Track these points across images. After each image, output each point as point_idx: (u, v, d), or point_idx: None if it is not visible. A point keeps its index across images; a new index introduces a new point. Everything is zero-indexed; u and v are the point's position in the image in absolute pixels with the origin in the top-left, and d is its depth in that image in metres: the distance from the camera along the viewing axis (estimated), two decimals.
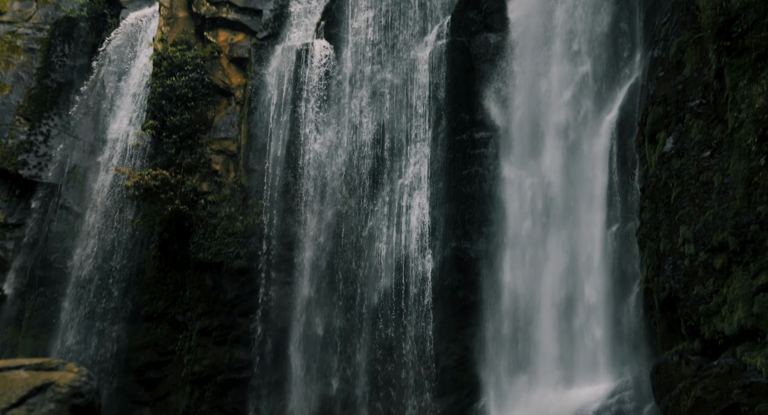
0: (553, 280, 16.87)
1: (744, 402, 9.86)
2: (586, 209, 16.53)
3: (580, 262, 16.42)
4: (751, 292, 10.11)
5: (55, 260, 21.67)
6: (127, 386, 20.41)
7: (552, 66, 18.35)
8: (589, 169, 16.68)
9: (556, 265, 16.90)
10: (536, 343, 16.97)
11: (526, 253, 17.77)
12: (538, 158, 18.31)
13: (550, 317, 16.76)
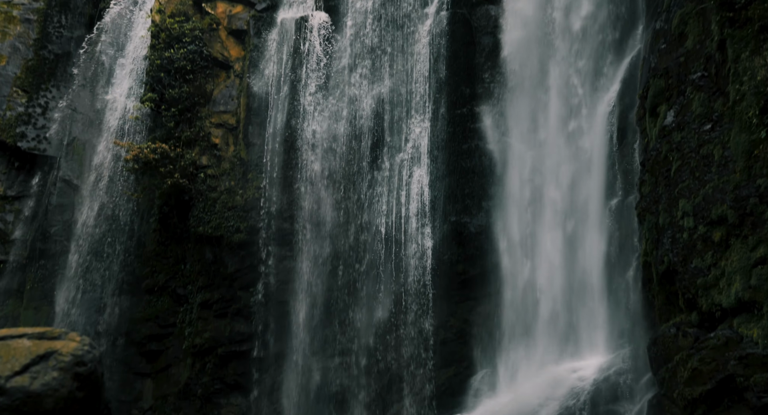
0: (551, 254, 16.94)
1: (740, 373, 9.96)
2: (585, 183, 16.54)
3: (579, 236, 16.48)
4: (749, 265, 10.16)
5: (55, 233, 21.70)
6: (128, 358, 20.59)
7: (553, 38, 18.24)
8: (589, 142, 16.65)
9: (554, 239, 16.96)
10: (535, 316, 17.10)
11: (525, 227, 17.82)
12: (537, 131, 18.27)
13: (549, 290, 16.87)
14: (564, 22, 18.11)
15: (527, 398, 15.28)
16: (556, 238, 17.04)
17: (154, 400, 20.43)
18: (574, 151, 17.15)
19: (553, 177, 17.56)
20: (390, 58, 21.13)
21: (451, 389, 18.16)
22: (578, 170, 16.93)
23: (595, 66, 17.31)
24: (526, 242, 17.73)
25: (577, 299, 16.22)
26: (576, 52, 17.70)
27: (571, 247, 16.58)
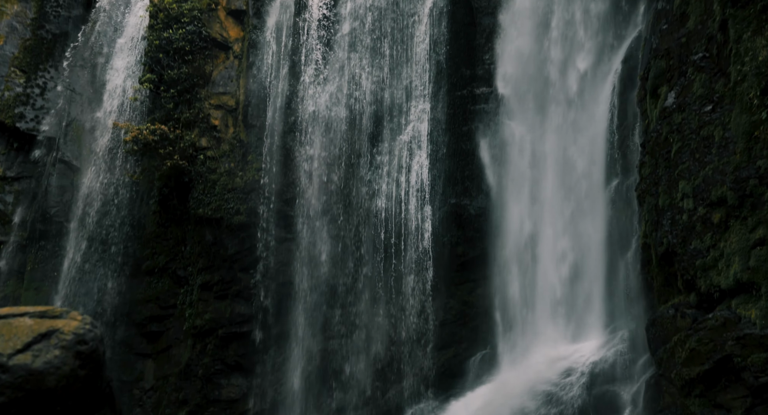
0: (551, 236, 16.96)
1: (737, 353, 10.02)
2: (586, 164, 16.52)
3: (578, 218, 16.49)
4: (748, 246, 10.18)
5: (55, 214, 21.69)
6: (129, 339, 20.69)
7: (554, 16, 18.11)
8: (590, 124, 16.61)
9: (554, 221, 16.97)
10: (534, 298, 17.16)
11: (525, 208, 17.83)
12: (538, 113, 18.21)
13: (548, 273, 16.91)
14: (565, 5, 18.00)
15: (525, 379, 15.38)
16: (555, 220, 17.06)
17: (155, 380, 20.56)
18: (575, 133, 17.11)
19: (553, 159, 17.53)
20: (390, 40, 21.00)
21: (450, 370, 18.28)
22: (578, 152, 16.91)
23: (596, 48, 17.22)
24: (525, 225, 17.75)
25: (577, 281, 16.27)
26: (577, 34, 17.60)
27: (571, 229, 16.60)
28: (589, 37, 17.37)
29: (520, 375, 15.69)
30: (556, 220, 17.00)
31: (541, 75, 18.27)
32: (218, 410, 19.82)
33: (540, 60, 18.34)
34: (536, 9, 18.64)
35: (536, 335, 16.78)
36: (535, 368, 15.57)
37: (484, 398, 15.68)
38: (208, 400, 19.88)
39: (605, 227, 15.72)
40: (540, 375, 15.13)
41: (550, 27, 18.16)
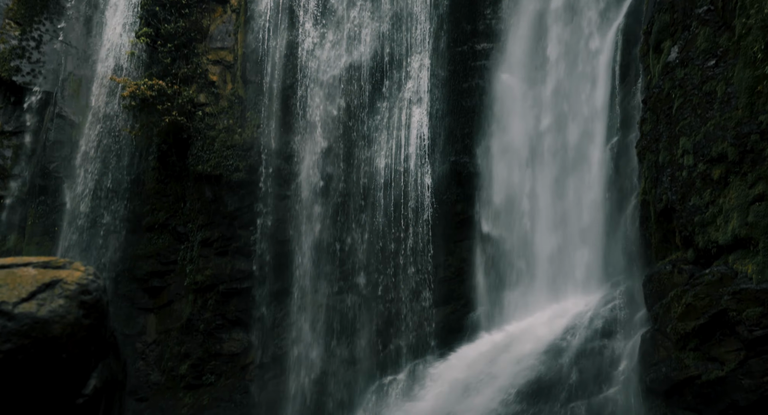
0: (550, 192, 16.98)
1: (733, 308, 10.14)
2: (586, 121, 16.44)
3: (578, 175, 16.48)
4: (747, 202, 10.20)
5: (54, 170, 21.62)
6: (131, 294, 20.87)
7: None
8: (591, 80, 16.46)
9: (553, 177, 16.96)
10: (532, 254, 17.27)
11: (524, 166, 17.80)
12: (538, 70, 18.03)
13: (547, 229, 16.98)
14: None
15: (523, 334, 15.58)
16: (554, 177, 17.06)
17: (157, 334, 20.81)
18: (575, 90, 16.98)
19: (553, 116, 17.44)
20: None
21: (449, 326, 18.50)
22: (579, 109, 16.80)
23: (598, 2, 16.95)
24: (525, 181, 17.75)
25: (575, 238, 16.35)
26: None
27: (570, 186, 16.61)
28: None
29: (518, 332, 15.89)
30: (555, 177, 16.99)
31: (542, 29, 18.04)
32: (220, 363, 20.12)
33: (541, 13, 18.09)
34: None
35: (535, 291, 16.95)
36: (532, 325, 15.77)
37: (482, 352, 15.92)
38: (210, 354, 20.17)
39: (604, 183, 15.73)
40: (537, 331, 15.33)
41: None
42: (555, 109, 17.40)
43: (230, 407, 19.41)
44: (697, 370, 10.91)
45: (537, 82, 17.98)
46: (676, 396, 11.44)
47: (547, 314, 15.93)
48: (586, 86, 16.62)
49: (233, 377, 19.98)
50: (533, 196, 17.50)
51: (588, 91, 16.56)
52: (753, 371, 9.86)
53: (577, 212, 16.34)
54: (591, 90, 16.47)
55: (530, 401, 13.73)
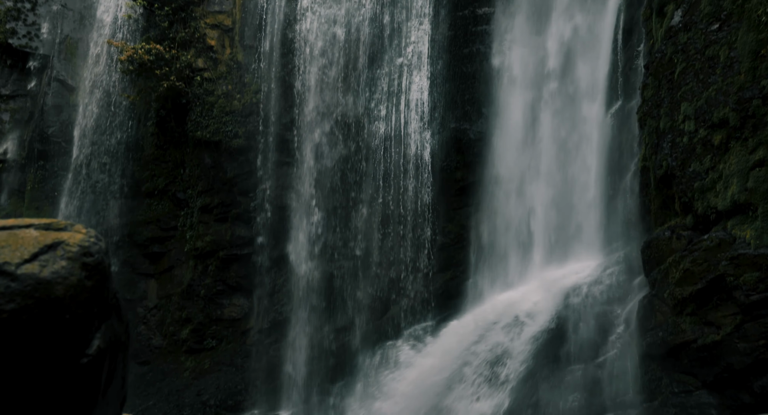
0: (550, 158, 16.94)
1: (730, 273, 10.20)
2: (587, 86, 16.33)
3: (578, 141, 16.43)
4: (747, 167, 10.19)
5: (53, 134, 21.54)
6: (132, 259, 20.97)
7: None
8: (594, 45, 16.30)
9: (554, 143, 16.91)
10: (532, 221, 17.30)
11: (525, 131, 17.72)
12: (540, 35, 17.84)
13: (546, 195, 16.98)
14: None
15: (521, 300, 15.69)
16: (555, 143, 17.00)
17: (158, 299, 20.98)
18: (577, 56, 16.82)
19: (555, 81, 17.31)
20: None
21: (447, 292, 18.62)
22: (580, 74, 16.68)
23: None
24: (525, 148, 17.69)
25: (575, 204, 16.37)
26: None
27: (570, 152, 16.57)
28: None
29: (516, 297, 16.00)
30: (555, 142, 16.94)
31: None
32: (221, 328, 20.32)
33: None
34: None
35: (534, 258, 17.02)
36: (531, 291, 15.87)
37: (481, 318, 16.05)
38: (211, 319, 20.36)
39: (605, 150, 15.69)
40: (536, 297, 15.44)
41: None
42: (557, 75, 17.26)
43: (231, 371, 19.65)
44: (694, 334, 11.03)
45: (539, 47, 17.81)
46: (672, 360, 11.58)
47: (546, 279, 16.03)
48: (589, 51, 16.47)
49: (234, 341, 20.19)
50: (534, 163, 17.47)
51: (590, 56, 16.42)
52: (749, 335, 9.97)
53: (577, 178, 16.33)
54: (593, 55, 16.33)
55: (529, 364, 13.90)
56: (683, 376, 11.41)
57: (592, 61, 16.39)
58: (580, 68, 16.72)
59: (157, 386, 19.60)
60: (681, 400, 11.33)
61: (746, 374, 10.10)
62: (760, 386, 9.87)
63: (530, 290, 15.94)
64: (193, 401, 18.99)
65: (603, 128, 15.74)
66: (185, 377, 19.74)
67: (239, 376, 19.47)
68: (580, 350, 13.81)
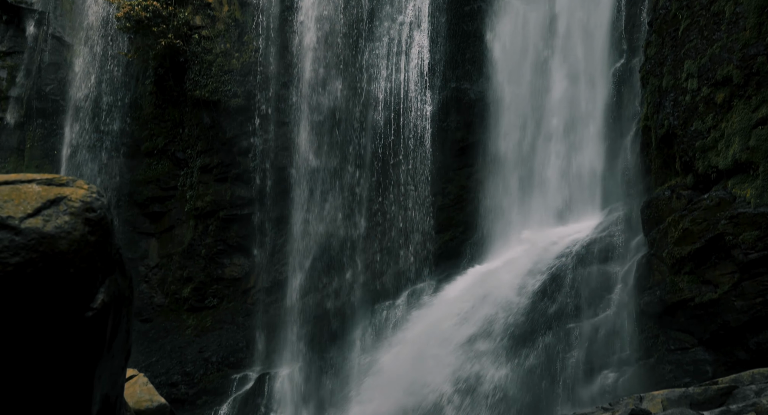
0: (551, 116, 16.85)
1: (729, 232, 10.25)
2: (590, 44, 16.15)
3: (579, 99, 16.32)
4: (749, 125, 10.15)
5: (51, 92, 21.35)
6: (132, 218, 21.01)
7: None
8: (597, 2, 16.06)
9: (555, 100, 16.80)
10: (531, 180, 17.29)
11: (526, 89, 17.59)
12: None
13: (546, 154, 16.94)
14: None
15: (520, 259, 15.79)
16: (556, 102, 16.89)
17: (159, 258, 21.08)
18: (580, 13, 16.59)
19: (557, 39, 17.11)
20: None
21: (447, 252, 18.72)
22: (583, 32, 16.47)
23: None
24: (526, 106, 17.58)
25: (575, 164, 16.35)
26: None
27: (571, 110, 16.48)
28: None
29: (516, 257, 16.10)
30: (556, 101, 16.83)
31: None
32: (222, 287, 20.48)
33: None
34: None
35: (533, 217, 17.06)
36: (530, 250, 15.95)
37: (481, 276, 16.18)
38: (212, 278, 20.50)
39: (606, 109, 15.60)
40: (535, 257, 15.53)
41: None
42: (559, 32, 17.06)
43: (232, 329, 19.88)
44: (691, 293, 11.14)
45: (541, 3, 17.55)
46: (669, 318, 11.72)
47: (545, 238, 16.09)
48: (593, 8, 16.23)
49: (235, 300, 20.38)
50: (534, 120, 17.37)
51: (594, 13, 16.19)
52: (746, 293, 10.07)
53: (578, 137, 16.27)
54: (597, 12, 16.10)
55: (528, 321, 14.06)
56: (680, 334, 11.55)
57: (596, 18, 16.18)
58: (584, 25, 16.50)
59: (159, 343, 19.85)
60: (677, 357, 11.50)
61: (742, 331, 10.23)
62: (756, 342, 10.01)
63: (530, 248, 16.02)
64: (196, 357, 19.25)
65: (605, 86, 15.63)
66: (187, 335, 19.98)
67: (240, 334, 19.70)
68: (577, 308, 13.95)
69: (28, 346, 4.23)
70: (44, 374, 4.28)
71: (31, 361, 4.24)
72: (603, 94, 15.65)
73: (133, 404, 7.37)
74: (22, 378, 4.21)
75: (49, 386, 4.31)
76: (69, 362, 4.43)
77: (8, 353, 4.14)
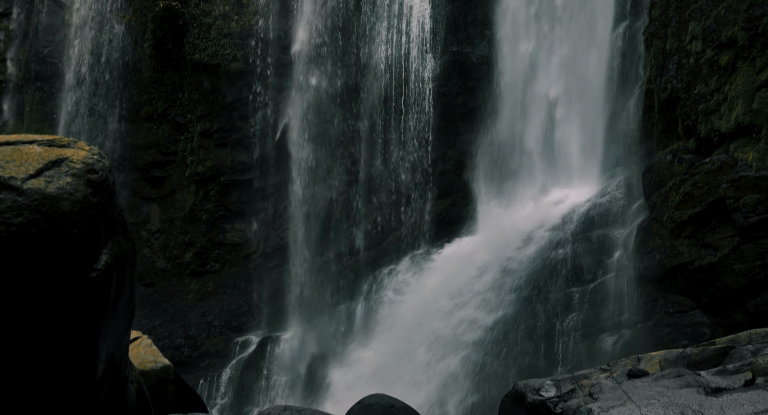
0: (554, 79, 16.72)
1: (730, 195, 10.27)
2: (593, 7, 15.93)
3: (582, 63, 16.18)
4: (753, 88, 10.09)
5: (49, 54, 21.15)
6: (133, 183, 21.00)
7: None
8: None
9: (557, 63, 16.65)
10: (533, 147, 17.24)
11: (528, 52, 17.41)
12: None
13: (548, 118, 16.86)
14: None
15: (521, 224, 15.83)
16: (559, 66, 16.74)
17: (161, 223, 21.14)
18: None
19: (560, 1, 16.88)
20: None
21: (447, 218, 18.76)
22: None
23: None
24: (528, 69, 17.43)
25: (576, 128, 16.28)
26: None
27: (574, 74, 16.34)
28: None
29: (516, 222, 16.14)
30: (559, 64, 16.67)
31: None
32: (223, 252, 20.58)
33: None
34: None
35: (535, 183, 17.05)
36: (531, 215, 15.99)
37: (482, 241, 16.25)
38: (214, 243, 20.58)
39: (609, 73, 15.47)
40: (535, 222, 15.57)
41: None
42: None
43: (235, 293, 20.03)
44: (691, 256, 11.20)
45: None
46: (668, 282, 11.80)
47: (546, 203, 16.12)
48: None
49: (237, 265, 20.49)
50: (535, 84, 17.25)
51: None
52: (745, 256, 10.13)
53: (580, 101, 16.18)
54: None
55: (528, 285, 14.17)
56: (678, 297, 11.65)
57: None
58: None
59: (162, 307, 20.03)
60: (675, 320, 11.61)
61: (741, 293, 10.31)
62: (754, 305, 10.10)
63: (530, 213, 16.06)
64: (198, 321, 19.45)
65: (608, 49, 15.48)
66: (190, 299, 20.15)
67: (242, 298, 19.86)
68: (577, 272, 14.04)
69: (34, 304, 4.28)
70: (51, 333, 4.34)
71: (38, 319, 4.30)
72: (606, 57, 15.50)
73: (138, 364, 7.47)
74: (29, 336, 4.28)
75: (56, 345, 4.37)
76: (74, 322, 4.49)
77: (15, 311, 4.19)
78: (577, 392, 5.69)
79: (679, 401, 4.88)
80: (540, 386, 6.00)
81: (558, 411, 5.36)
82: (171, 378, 7.69)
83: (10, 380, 4.07)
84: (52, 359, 4.32)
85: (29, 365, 4.23)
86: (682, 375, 5.38)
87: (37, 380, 4.22)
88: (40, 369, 4.26)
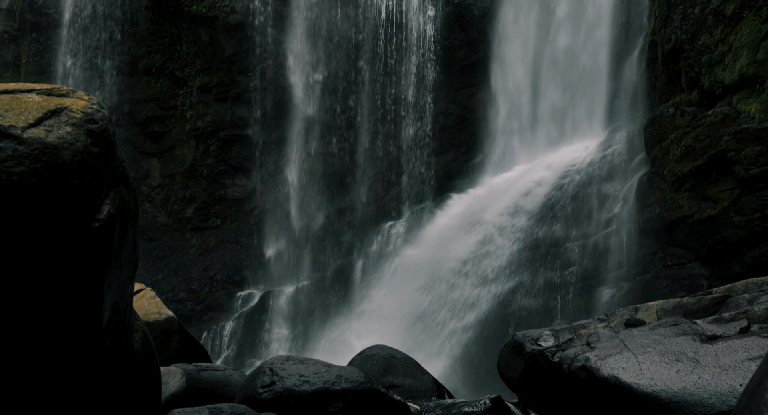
0: (556, 32, 16.52)
1: (732, 148, 10.25)
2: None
3: (585, 17, 15.95)
4: (758, 38, 9.97)
5: (44, 5, 20.80)
6: (133, 138, 20.89)
7: None
8: None
9: (561, 17, 16.42)
10: (535, 100, 17.14)
11: (532, 4, 17.16)
12: None
13: (551, 71, 16.72)
14: None
15: (522, 178, 15.86)
16: (562, 19, 16.51)
17: (161, 178, 21.12)
18: None
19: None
20: None
21: (449, 172, 18.77)
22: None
23: None
24: (530, 23, 17.19)
25: (578, 82, 16.15)
26: None
27: (577, 28, 16.13)
28: None
29: (518, 175, 16.16)
30: (562, 18, 16.44)
31: None
32: (224, 207, 20.63)
33: None
34: None
35: (536, 137, 17.01)
36: (533, 170, 15.99)
37: (483, 195, 16.29)
38: (215, 198, 20.61)
39: (613, 25, 15.28)
40: (537, 176, 15.59)
41: None
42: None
43: (236, 248, 20.16)
44: (691, 209, 11.25)
45: None
46: (667, 234, 11.88)
47: (547, 158, 16.12)
48: None
49: (238, 220, 20.56)
50: (538, 38, 17.04)
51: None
52: (745, 208, 10.17)
53: (583, 54, 16.00)
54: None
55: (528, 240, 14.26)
56: (677, 250, 11.74)
57: None
58: None
59: (164, 262, 20.17)
60: (673, 272, 11.73)
61: (739, 245, 10.38)
62: (752, 256, 10.18)
63: (531, 168, 16.07)
64: (200, 276, 19.61)
65: (613, 1, 15.24)
66: (192, 254, 20.28)
67: (244, 253, 19.99)
68: (578, 226, 14.12)
69: (38, 254, 4.32)
70: (56, 282, 4.39)
71: (42, 269, 4.34)
72: (609, 8, 15.27)
73: (143, 316, 7.57)
74: (35, 284, 4.33)
75: (62, 294, 4.43)
76: (79, 271, 4.53)
77: (20, 261, 4.23)
78: (575, 341, 5.76)
79: (675, 348, 4.95)
80: (538, 336, 6.09)
81: (556, 360, 5.45)
82: (175, 329, 7.79)
83: (19, 327, 4.13)
84: (58, 307, 4.38)
85: (38, 314, 4.28)
86: (678, 324, 5.45)
87: (45, 328, 4.29)
88: (48, 317, 4.32)
